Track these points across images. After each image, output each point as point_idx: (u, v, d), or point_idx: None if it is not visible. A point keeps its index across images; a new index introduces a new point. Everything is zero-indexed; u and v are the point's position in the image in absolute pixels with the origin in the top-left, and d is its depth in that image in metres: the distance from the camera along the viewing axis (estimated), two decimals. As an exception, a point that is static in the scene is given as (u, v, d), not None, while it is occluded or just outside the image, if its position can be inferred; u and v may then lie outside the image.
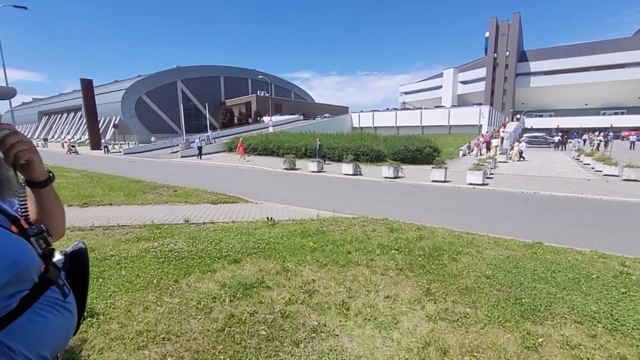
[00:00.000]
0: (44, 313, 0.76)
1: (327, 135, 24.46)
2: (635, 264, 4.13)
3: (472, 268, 3.87)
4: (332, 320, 2.77)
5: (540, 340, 2.51)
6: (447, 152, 22.96)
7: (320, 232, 5.37)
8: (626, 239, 5.72)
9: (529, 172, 15.47)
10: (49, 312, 0.77)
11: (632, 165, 12.49)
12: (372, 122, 53.49)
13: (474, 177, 11.89)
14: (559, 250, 4.62)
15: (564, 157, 22.86)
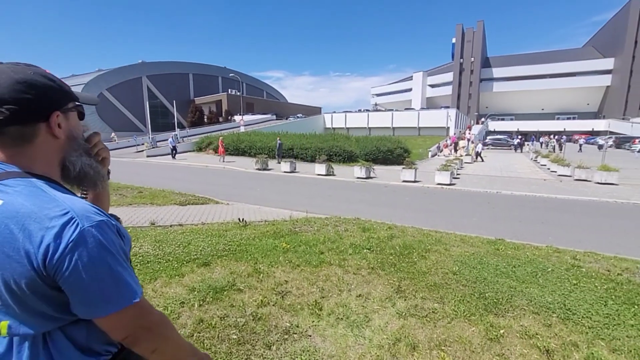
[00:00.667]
0: None
1: (300, 136, 24.41)
2: (585, 257, 4.48)
3: (440, 265, 4.01)
4: (305, 321, 2.76)
5: (502, 332, 2.65)
6: (417, 153, 23.69)
7: (293, 232, 5.35)
8: (577, 235, 6.19)
9: (492, 172, 16.33)
10: None
11: (582, 166, 13.54)
12: (345, 122, 54.08)
13: (442, 178, 12.36)
14: (519, 246, 4.90)
15: (523, 159, 24.35)
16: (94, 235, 0.69)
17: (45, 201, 0.68)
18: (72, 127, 0.82)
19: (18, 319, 0.71)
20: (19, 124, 0.71)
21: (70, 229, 0.66)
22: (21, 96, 0.70)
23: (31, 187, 0.70)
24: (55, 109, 0.76)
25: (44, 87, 0.74)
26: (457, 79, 66.26)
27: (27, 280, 0.66)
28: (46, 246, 0.65)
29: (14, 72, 0.71)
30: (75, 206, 0.70)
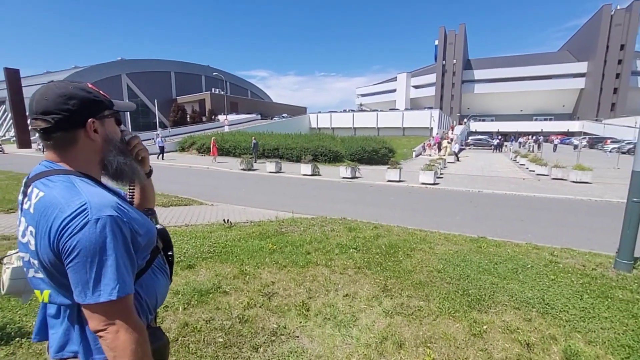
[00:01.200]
0: (156, 273, 1.02)
1: (286, 136, 24.33)
2: (562, 253, 4.65)
3: (425, 263, 4.08)
4: (292, 322, 2.75)
5: (485, 327, 2.72)
6: (402, 153, 24.02)
7: (279, 233, 5.32)
8: (554, 232, 6.42)
9: (474, 172, 16.74)
10: (158, 273, 1.03)
11: (559, 165, 14.07)
12: (330, 123, 54.26)
13: (426, 177, 12.58)
14: (500, 244, 5.04)
15: (503, 158, 25.08)
16: (97, 227, 0.78)
17: (72, 194, 0.81)
18: (108, 131, 0.96)
19: (55, 290, 0.85)
20: (62, 130, 0.86)
21: (79, 218, 0.77)
22: (62, 107, 0.84)
23: (67, 182, 0.84)
24: (90, 117, 0.89)
25: (81, 98, 0.87)
26: (440, 80, 67.63)
27: (49, 257, 0.79)
28: (59, 229, 0.77)
29: (57, 88, 0.86)
30: (93, 200, 0.80)
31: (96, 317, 0.79)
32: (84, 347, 0.86)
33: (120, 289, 0.78)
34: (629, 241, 4.09)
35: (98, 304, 0.77)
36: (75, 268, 0.77)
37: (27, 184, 0.88)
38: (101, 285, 0.77)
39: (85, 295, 0.77)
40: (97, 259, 0.77)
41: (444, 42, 66.61)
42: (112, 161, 0.96)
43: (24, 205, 0.87)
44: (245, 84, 75.36)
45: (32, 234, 0.82)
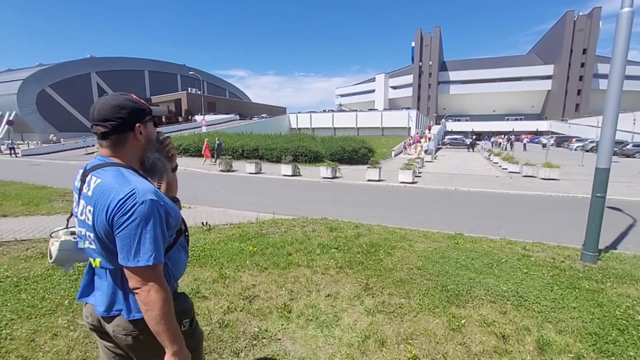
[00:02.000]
0: (179, 250, 1.25)
1: (265, 136, 24.09)
2: (534, 247, 4.86)
3: (405, 261, 4.14)
4: (274, 325, 2.71)
5: (463, 322, 2.79)
6: (381, 152, 24.36)
7: (260, 235, 5.25)
8: (526, 227, 6.70)
9: (451, 170, 17.22)
10: (181, 250, 1.26)
11: (529, 163, 14.72)
12: (310, 123, 54.28)
13: (405, 176, 12.81)
14: (476, 240, 5.21)
15: (478, 157, 25.96)
16: (144, 208, 1.00)
17: (123, 180, 1.04)
18: (149, 132, 1.20)
19: (104, 258, 1.09)
20: (117, 133, 1.10)
21: (130, 199, 1.00)
22: (117, 115, 1.08)
23: (117, 172, 1.08)
24: (137, 122, 1.13)
25: (130, 107, 1.11)
26: (417, 81, 69.15)
27: (104, 229, 1.02)
28: (114, 208, 0.99)
29: (112, 100, 1.10)
30: (139, 186, 1.03)
31: (134, 278, 1.01)
32: (126, 306, 1.09)
33: (155, 257, 1.01)
34: (594, 234, 4.32)
35: (137, 267, 1.00)
36: (122, 237, 1.00)
37: (85, 173, 1.12)
38: (140, 253, 0.99)
39: (127, 260, 1.00)
40: (139, 232, 1.00)
41: (420, 44, 68.18)
42: (149, 157, 1.20)
43: (82, 190, 1.10)
44: (223, 83, 74.01)
45: (90, 212, 1.06)
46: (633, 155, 25.55)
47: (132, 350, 1.14)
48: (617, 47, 4.08)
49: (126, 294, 1.09)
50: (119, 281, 1.10)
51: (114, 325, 1.11)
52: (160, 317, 1.01)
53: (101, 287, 1.13)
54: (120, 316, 1.09)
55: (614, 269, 4.00)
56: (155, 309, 1.00)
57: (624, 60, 4.07)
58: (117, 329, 1.11)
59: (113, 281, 1.11)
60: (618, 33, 4.07)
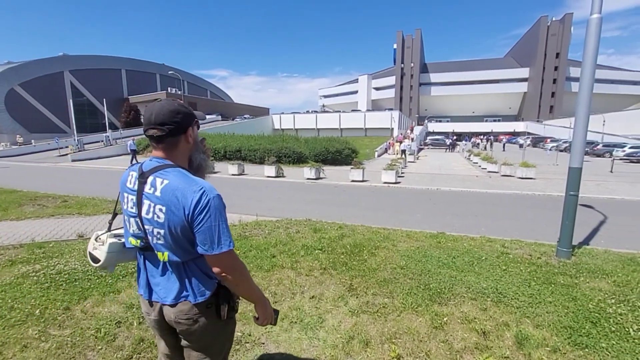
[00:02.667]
0: None
1: (248, 137, 23.84)
2: (512, 245, 5.00)
3: (388, 261, 4.17)
4: (258, 329, 2.67)
5: (446, 319, 2.83)
6: (364, 153, 24.57)
7: (243, 237, 5.17)
8: (505, 225, 6.90)
9: (433, 170, 17.55)
10: None
11: (507, 163, 15.19)
12: (294, 124, 54.16)
13: (388, 176, 12.95)
14: (457, 238, 5.31)
15: (458, 157, 26.58)
16: (215, 203, 1.13)
17: (190, 180, 1.15)
18: (196, 135, 1.31)
19: (172, 251, 1.19)
20: (172, 136, 1.20)
21: (204, 197, 1.11)
22: (173, 120, 1.18)
23: (180, 173, 1.18)
24: (189, 126, 1.25)
25: (184, 112, 1.21)
26: (399, 82, 70.19)
27: (181, 226, 1.13)
28: (192, 206, 1.10)
29: (169, 106, 1.19)
30: (205, 184, 1.15)
31: (221, 263, 1.16)
32: (192, 292, 1.23)
33: (232, 243, 1.17)
34: (568, 231, 4.49)
35: (222, 253, 1.14)
36: (204, 231, 1.12)
37: (144, 175, 1.20)
38: (222, 241, 1.14)
39: (212, 249, 1.13)
40: (217, 224, 1.13)
41: (402, 46, 69.28)
42: (197, 158, 1.33)
43: (145, 190, 1.18)
44: (204, 83, 72.71)
45: (161, 211, 1.14)
46: (603, 155, 26.77)
47: (192, 335, 1.26)
48: (588, 51, 4.26)
49: (190, 281, 1.23)
50: (184, 271, 1.23)
51: (177, 312, 1.23)
52: (248, 286, 1.25)
53: (160, 282, 1.26)
54: (186, 302, 1.23)
55: (586, 264, 4.17)
56: (242, 282, 1.23)
57: (594, 64, 4.26)
58: (180, 314, 1.23)
59: (179, 272, 1.23)
60: (588, 38, 4.25)
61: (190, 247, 1.17)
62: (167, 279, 1.25)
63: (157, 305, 1.28)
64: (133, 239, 1.28)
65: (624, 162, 21.92)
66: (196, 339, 1.28)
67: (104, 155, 24.66)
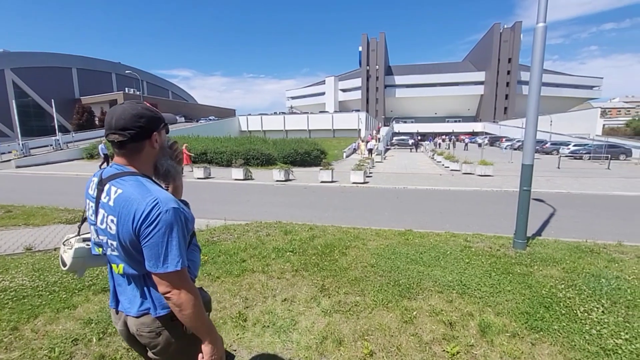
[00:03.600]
0: (194, 250, 1.30)
1: (214, 139, 23.14)
2: (474, 239, 5.28)
3: (359, 259, 4.24)
4: (229, 336, 2.60)
5: (415, 313, 2.93)
6: (333, 154, 24.77)
7: (211, 242, 5.02)
8: (467, 220, 7.27)
9: (399, 170, 18.09)
10: (196, 251, 1.32)
11: (467, 162, 16.03)
12: (261, 125, 53.42)
13: (357, 177, 13.17)
14: (424, 235, 5.52)
15: (423, 156, 27.62)
16: (167, 217, 1.04)
17: (144, 191, 1.07)
18: (162, 140, 1.24)
19: (127, 264, 1.13)
20: (134, 141, 1.13)
21: (155, 210, 1.03)
22: (136, 124, 1.11)
23: (137, 182, 1.11)
24: (155, 130, 1.17)
25: (148, 116, 1.15)
26: (365, 84, 71.67)
27: (130, 238, 1.06)
28: (141, 218, 1.03)
29: (130, 109, 1.12)
30: (161, 196, 1.07)
31: (164, 283, 1.07)
32: (152, 304, 1.17)
33: (182, 263, 1.07)
34: (522, 224, 4.83)
35: (166, 273, 1.05)
36: (150, 246, 1.04)
37: (102, 182, 1.13)
38: (168, 260, 1.05)
39: (156, 267, 1.05)
40: (166, 240, 1.04)
41: (367, 48, 70.85)
42: (163, 164, 1.25)
43: (101, 199, 1.12)
44: (165, 83, 69.72)
45: (112, 222, 1.08)
46: (551, 153, 29.09)
47: (157, 347, 1.20)
48: (535, 56, 4.61)
49: (151, 293, 1.16)
50: (143, 283, 1.17)
51: (139, 324, 1.18)
52: (194, 314, 1.10)
53: (125, 292, 1.20)
54: (148, 314, 1.17)
55: (539, 254, 4.50)
56: (187, 308, 1.09)
57: (541, 68, 4.62)
58: (141, 327, 1.18)
59: (138, 284, 1.17)
60: (535, 44, 4.60)
61: (143, 260, 1.09)
62: (131, 289, 1.19)
63: (122, 316, 1.23)
64: (97, 247, 1.23)
65: (569, 159, 23.96)
66: (161, 352, 1.22)
67: (53, 160, 22.81)
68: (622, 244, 5.07)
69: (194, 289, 1.12)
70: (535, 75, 4.63)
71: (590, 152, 24.20)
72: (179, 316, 1.10)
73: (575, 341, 2.53)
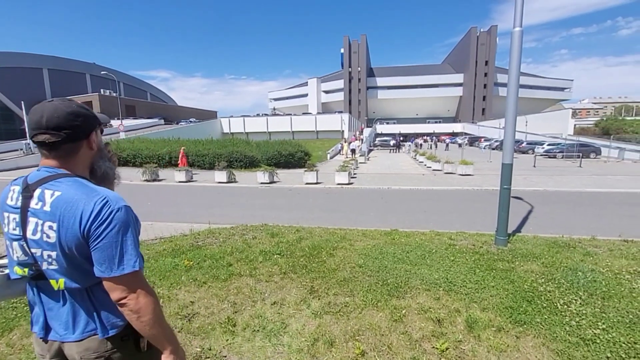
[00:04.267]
0: None
1: (195, 142, 22.68)
2: (458, 237, 5.41)
3: (347, 260, 4.26)
4: (218, 342, 2.55)
5: (404, 312, 2.97)
6: (317, 155, 24.80)
7: (196, 247, 4.91)
8: (450, 218, 7.44)
9: (383, 170, 18.31)
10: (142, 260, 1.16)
11: (449, 161, 16.41)
12: (244, 127, 52.89)
13: (341, 178, 13.23)
14: (410, 234, 5.60)
15: (406, 157, 28.07)
16: (120, 215, 0.98)
17: (90, 190, 0.99)
18: (99, 140, 1.15)
19: (70, 277, 1.00)
20: (70, 142, 1.02)
21: (106, 207, 0.96)
22: (72, 123, 1.01)
23: (78, 182, 1.01)
24: (92, 130, 1.09)
25: (85, 115, 1.05)
26: (347, 86, 72.22)
27: (76, 243, 0.95)
28: (90, 218, 0.94)
29: (65, 107, 1.01)
30: (109, 194, 1.00)
31: (119, 287, 0.97)
32: (100, 324, 1.03)
33: (140, 262, 1.00)
34: (503, 221, 4.98)
35: (122, 275, 0.96)
36: (103, 248, 0.95)
37: (28, 189, 1.00)
38: (124, 260, 0.97)
39: (111, 270, 0.96)
40: (120, 240, 0.97)
41: (349, 50, 71.45)
42: (101, 166, 1.16)
43: (31, 206, 0.99)
44: (143, 85, 68.04)
45: (51, 229, 0.96)
46: (527, 152, 30.18)
47: None
48: (513, 59, 4.78)
49: (98, 311, 1.04)
50: (87, 299, 1.03)
51: (83, 350, 1.03)
52: (154, 320, 1.00)
53: (59, 315, 1.05)
54: (93, 337, 1.03)
55: (520, 250, 4.66)
56: (147, 313, 0.99)
57: (519, 69, 4.79)
58: (86, 353, 1.03)
59: (83, 301, 1.03)
60: (512, 48, 4.77)
61: (91, 268, 0.98)
62: (68, 311, 1.03)
63: (55, 345, 1.06)
64: (19, 268, 1.04)
65: (544, 158, 24.95)
66: None
67: (24, 165, 21.75)
68: (596, 238, 5.32)
69: (152, 291, 1.03)
70: (513, 77, 4.80)
71: (563, 151, 25.30)
72: (137, 324, 0.99)
73: (556, 333, 2.63)
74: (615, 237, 5.44)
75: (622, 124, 44.47)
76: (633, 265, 4.05)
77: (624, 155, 24.22)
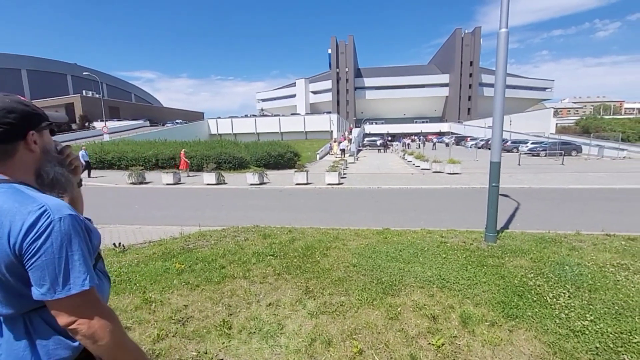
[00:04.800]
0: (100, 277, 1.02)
1: (183, 144, 22.38)
2: (448, 234, 5.49)
3: (341, 260, 4.27)
4: (214, 345, 2.52)
5: (399, 309, 2.99)
6: (307, 156, 24.79)
7: (187, 250, 4.84)
8: (440, 216, 7.54)
9: (372, 170, 18.43)
10: (102, 277, 1.05)
11: (437, 160, 16.64)
12: (232, 128, 52.40)
13: (331, 178, 13.25)
14: (401, 232, 5.65)
15: (394, 156, 28.32)
16: (62, 226, 0.83)
17: (25, 199, 0.84)
18: (45, 142, 1.00)
19: (2, 301, 0.85)
20: (3, 142, 0.88)
21: (43, 218, 0.81)
22: (4, 120, 0.87)
23: (13, 189, 0.86)
24: (30, 129, 0.93)
25: (21, 111, 0.91)
26: (335, 86, 72.46)
27: (6, 263, 0.81)
28: (23, 232, 0.80)
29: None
30: (50, 202, 0.85)
31: (67, 311, 0.83)
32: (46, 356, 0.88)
33: (90, 280, 0.85)
34: (493, 218, 5.08)
35: (69, 296, 0.82)
36: (42, 266, 0.81)
37: None
38: (71, 279, 0.83)
39: (54, 291, 0.81)
40: (64, 255, 0.82)
41: (336, 51, 71.70)
42: (49, 171, 1.00)
43: None
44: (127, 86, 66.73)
45: None
46: (512, 150, 30.88)
47: None
48: (499, 59, 4.89)
49: (34, 343, 0.87)
50: (23, 329, 0.87)
51: None
52: (115, 344, 0.88)
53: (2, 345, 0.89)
54: None
55: (509, 246, 4.76)
56: (104, 337, 0.86)
57: (505, 69, 4.90)
58: None
59: (18, 331, 0.87)
60: (499, 48, 4.88)
61: (27, 289, 0.84)
62: (5, 341, 0.88)
63: None
64: None
65: (528, 156, 25.57)
66: None
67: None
68: (580, 233, 5.49)
69: (109, 312, 0.90)
70: (500, 77, 4.90)
71: (546, 149, 26.00)
72: (95, 350, 0.87)
73: (547, 325, 2.69)
74: (599, 231, 5.62)
75: (601, 122, 45.98)
76: (616, 258, 4.20)
77: (603, 153, 25.05)
